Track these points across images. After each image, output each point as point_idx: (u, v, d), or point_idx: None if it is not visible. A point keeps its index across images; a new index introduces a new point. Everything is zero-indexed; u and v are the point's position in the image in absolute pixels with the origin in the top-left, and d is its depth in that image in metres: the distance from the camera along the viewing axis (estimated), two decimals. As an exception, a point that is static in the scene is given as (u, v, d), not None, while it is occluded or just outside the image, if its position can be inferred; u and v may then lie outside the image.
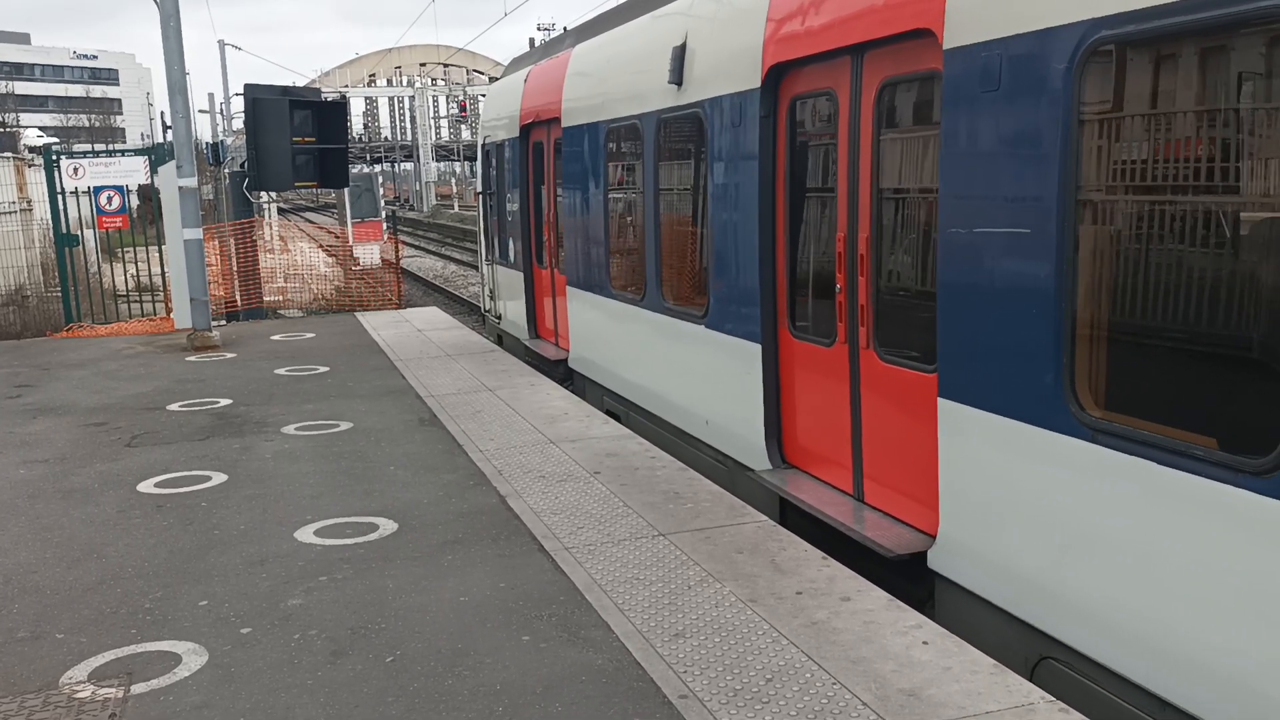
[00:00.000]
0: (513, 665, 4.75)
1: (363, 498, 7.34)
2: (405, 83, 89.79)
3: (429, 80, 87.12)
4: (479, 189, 17.14)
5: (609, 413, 10.11)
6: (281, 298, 19.83)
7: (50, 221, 17.30)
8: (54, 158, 16.86)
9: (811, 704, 4.28)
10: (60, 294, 17.49)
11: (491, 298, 16.04)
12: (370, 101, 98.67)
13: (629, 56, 9.67)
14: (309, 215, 65.31)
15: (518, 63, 15.29)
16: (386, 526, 6.70)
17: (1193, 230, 4.15)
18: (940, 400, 5.45)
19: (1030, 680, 4.63)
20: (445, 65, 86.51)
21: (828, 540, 6.27)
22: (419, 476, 7.78)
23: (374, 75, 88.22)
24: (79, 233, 17.74)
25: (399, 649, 4.96)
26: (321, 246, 24.88)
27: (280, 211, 41.86)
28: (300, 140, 17.22)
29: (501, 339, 15.22)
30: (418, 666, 4.78)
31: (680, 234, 8.83)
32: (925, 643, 4.75)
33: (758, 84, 7.15)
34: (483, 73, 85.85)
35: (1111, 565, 4.48)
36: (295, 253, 22.81)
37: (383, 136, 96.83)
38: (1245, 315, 3.94)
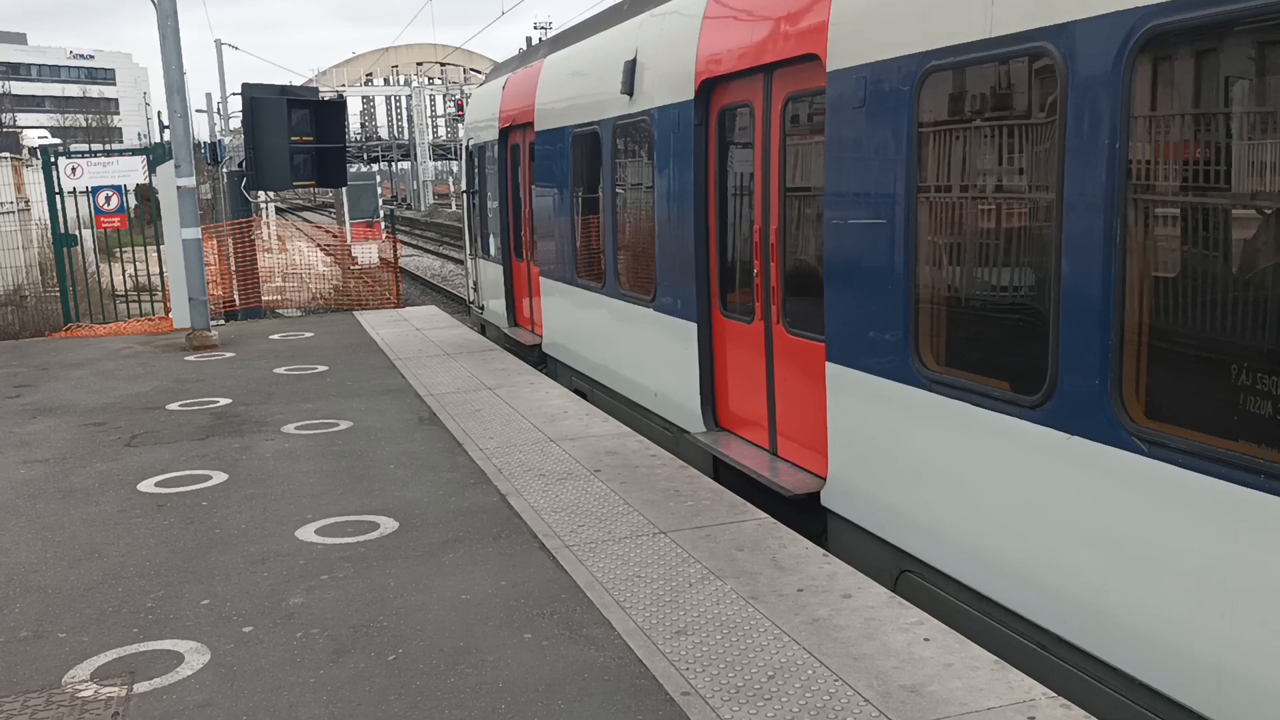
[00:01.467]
0: (515, 663, 4.76)
1: (363, 496, 7.34)
2: (402, 82, 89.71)
3: (426, 79, 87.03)
4: (463, 188, 18.28)
5: (577, 391, 11.11)
6: (280, 297, 19.83)
7: (48, 221, 17.29)
8: (51, 158, 16.84)
9: (813, 701, 4.29)
10: (59, 294, 17.49)
11: (475, 290, 17.18)
12: (367, 101, 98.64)
13: (591, 68, 10.64)
14: (307, 215, 65.26)
15: (498, 70, 16.39)
16: (387, 525, 6.71)
17: (999, 219, 5.28)
18: (828, 364, 6.54)
19: (893, 589, 5.58)
20: (442, 64, 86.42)
21: (753, 489, 7.20)
22: (419, 475, 7.78)
23: (371, 74, 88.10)
24: (77, 233, 17.73)
25: (401, 647, 4.97)
26: (320, 246, 24.88)
27: (278, 211, 41.82)
28: (298, 140, 17.22)
29: (485, 328, 16.23)
30: (420, 665, 4.79)
31: (632, 228, 9.83)
32: (926, 639, 4.76)
33: (692, 96, 8.19)
34: (479, 71, 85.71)
35: (944, 492, 5.57)
36: (293, 252, 22.81)
37: (379, 136, 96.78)
38: (1028, 285, 5.04)
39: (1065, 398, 4.64)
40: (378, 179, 48.72)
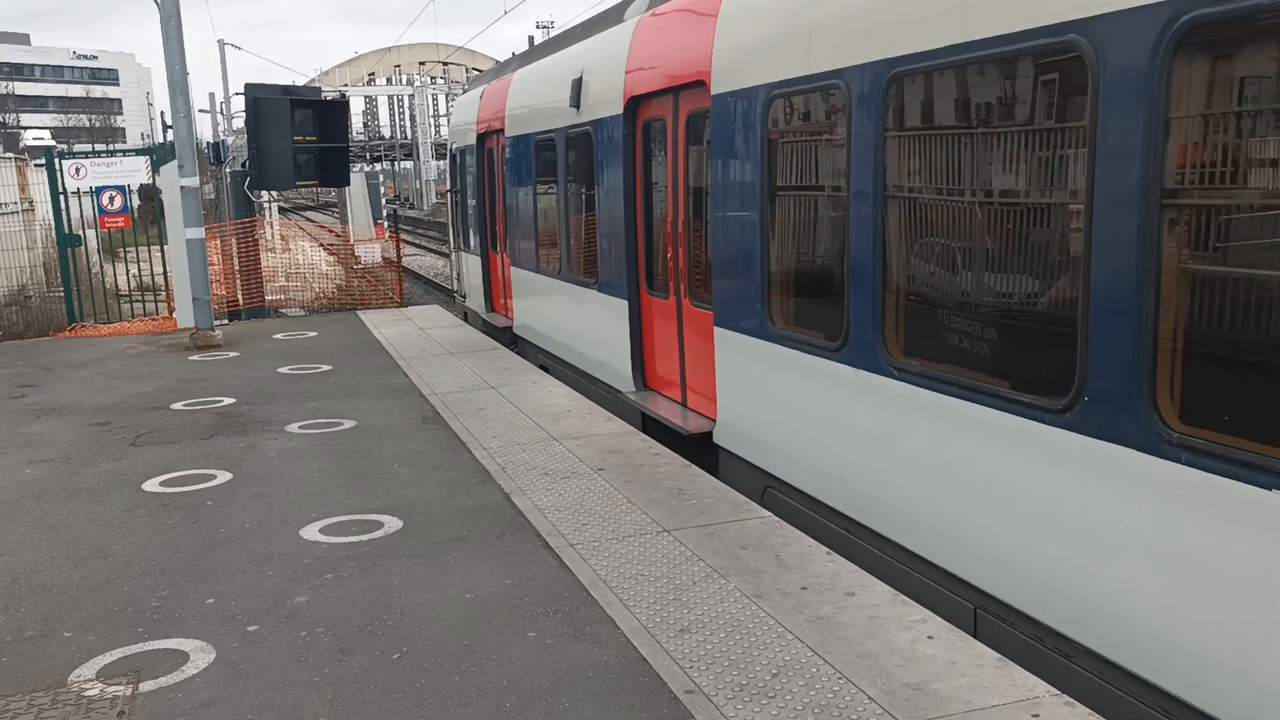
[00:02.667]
0: (519, 662, 4.77)
1: (367, 496, 7.35)
2: (405, 81, 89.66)
3: (428, 79, 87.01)
4: (447, 188, 19.93)
5: (542, 366, 12.56)
6: (283, 296, 19.84)
7: (52, 222, 17.31)
8: (55, 157, 16.86)
9: (817, 699, 4.30)
10: (63, 294, 17.51)
11: (459, 280, 18.90)
12: (370, 100, 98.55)
13: (549, 83, 12.05)
14: (310, 214, 65.29)
15: (478, 80, 18.51)
16: (391, 524, 6.72)
17: (818, 210, 6.86)
18: (716, 329, 8.13)
19: (760, 502, 7.07)
20: (445, 64, 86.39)
21: (673, 435, 8.75)
22: (423, 474, 7.80)
23: (373, 74, 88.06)
24: (81, 233, 17.75)
25: (405, 646, 4.98)
26: (323, 245, 24.89)
27: (281, 211, 41.83)
28: (301, 139, 17.25)
29: (467, 315, 17.76)
30: (424, 663, 4.80)
31: (581, 222, 11.33)
32: (930, 637, 4.76)
33: (621, 110, 9.67)
34: (482, 71, 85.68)
35: (789, 424, 7.21)
36: (296, 251, 22.82)
37: (382, 135, 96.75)
38: (836, 261, 6.52)
39: (854, 343, 6.28)
40: (380, 178, 48.71)
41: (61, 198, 16.65)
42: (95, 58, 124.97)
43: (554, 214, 12.16)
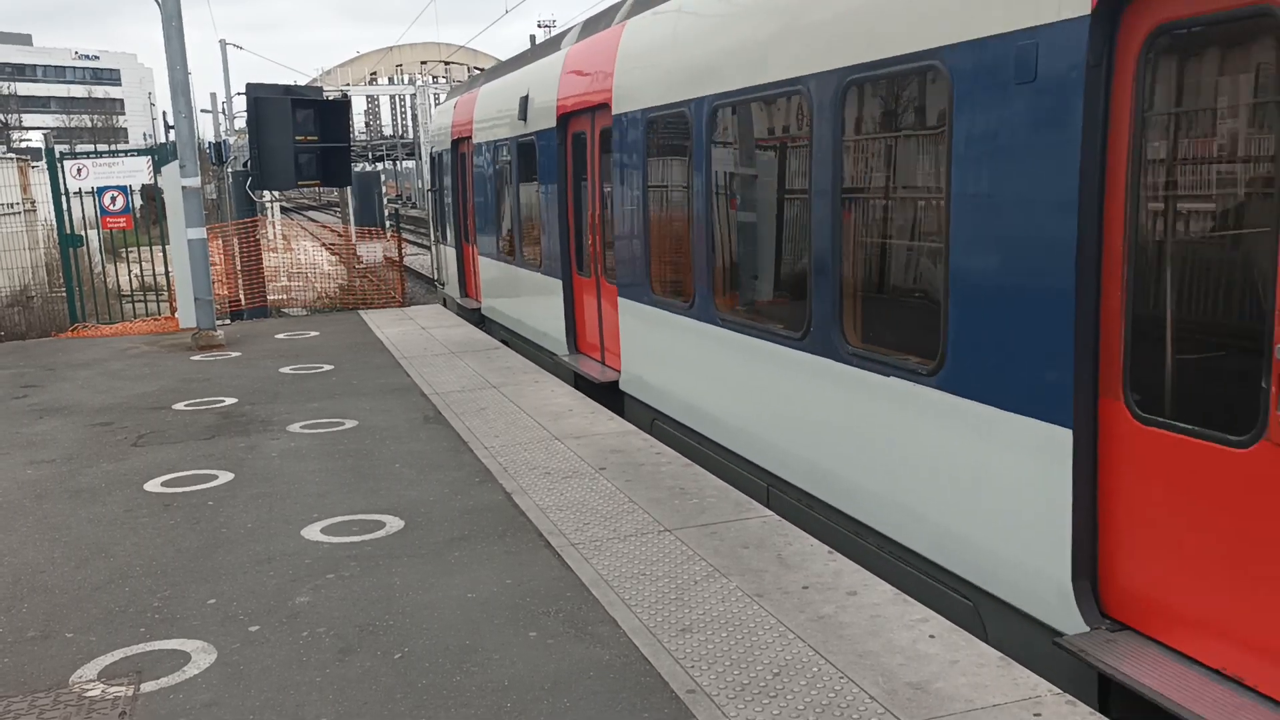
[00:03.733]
0: (520, 661, 4.76)
1: (369, 495, 7.35)
2: (406, 81, 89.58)
3: (430, 78, 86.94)
4: (428, 188, 22.81)
5: (505, 341, 14.37)
6: (285, 296, 19.85)
7: (54, 222, 17.32)
8: (56, 158, 16.87)
9: (819, 698, 4.29)
10: (65, 294, 17.52)
11: (438, 271, 20.92)
12: (372, 100, 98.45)
13: (505, 98, 13.99)
14: (311, 214, 65.27)
15: (453, 91, 20.71)
16: (393, 524, 6.72)
17: (676, 206, 8.86)
18: (619, 299, 10.19)
19: (650, 432, 9.15)
20: (447, 63, 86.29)
21: (594, 388, 10.81)
22: (424, 474, 7.80)
23: (375, 74, 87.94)
24: (83, 233, 17.76)
25: (406, 646, 4.98)
26: (325, 245, 24.89)
27: (283, 210, 41.81)
28: (303, 139, 17.25)
29: (445, 301, 19.75)
30: (425, 663, 4.79)
31: (529, 216, 13.41)
32: (932, 636, 4.76)
33: (554, 124, 11.74)
34: (483, 70, 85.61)
35: (665, 368, 9.28)
36: (298, 251, 22.83)
37: (384, 135, 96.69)
38: (684, 244, 8.67)
39: (698, 304, 8.40)
40: (382, 177, 48.67)
41: (63, 198, 16.66)
42: (97, 58, 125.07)
43: (509, 209, 14.23)
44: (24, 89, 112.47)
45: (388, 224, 29.16)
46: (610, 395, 10.44)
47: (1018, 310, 4.89)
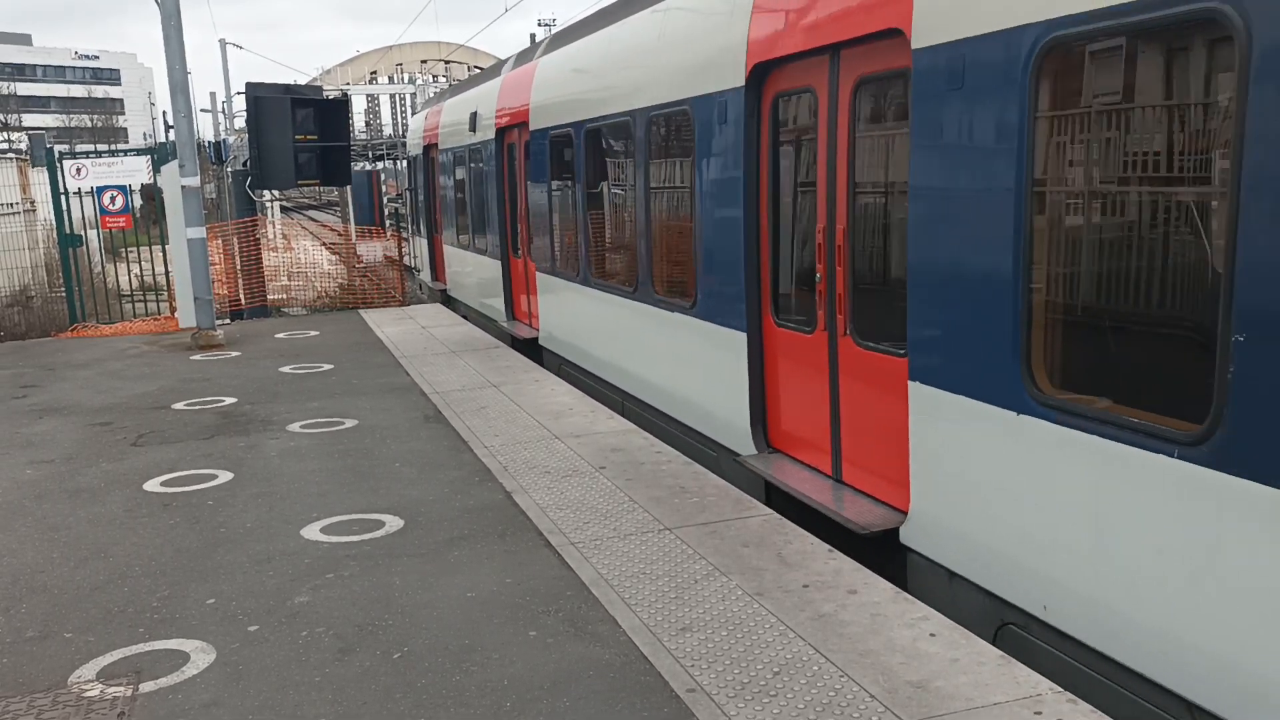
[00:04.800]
0: (520, 661, 4.75)
1: (369, 495, 7.34)
2: (406, 80, 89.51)
3: (430, 77, 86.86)
4: (406, 186, 25.45)
5: (465, 317, 16.82)
6: (285, 296, 19.83)
7: (54, 222, 17.31)
8: (55, 158, 16.86)
9: (819, 697, 4.28)
10: (64, 294, 17.51)
11: (415, 259, 23.44)
12: (372, 99, 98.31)
13: (461, 112, 16.74)
14: (311, 214, 65.21)
15: (427, 104, 24.36)
16: (393, 523, 6.71)
17: (564, 203, 11.50)
18: (539, 275, 12.82)
19: (556, 372, 11.48)
20: (446, 62, 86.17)
21: (521, 345, 13.54)
22: (424, 473, 7.78)
23: (375, 73, 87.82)
24: (83, 233, 17.74)
25: (406, 645, 4.97)
26: (325, 244, 24.89)
27: (283, 210, 41.75)
28: (302, 138, 17.24)
29: (421, 286, 22.22)
30: (425, 663, 4.78)
31: (480, 210, 15.91)
32: (932, 634, 4.75)
33: (493, 136, 14.50)
34: (483, 69, 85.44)
35: (564, 322, 11.89)
36: (298, 250, 22.81)
37: (385, 134, 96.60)
38: (567, 231, 11.59)
39: (582, 273, 10.93)
40: (383, 176, 48.61)
41: (63, 198, 16.65)
42: (97, 58, 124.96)
43: (465, 205, 17.10)
44: (24, 89, 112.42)
45: (387, 223, 29.16)
46: (531, 349, 13.24)
47: (720, 272, 7.90)
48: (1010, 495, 5.03)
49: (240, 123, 44.40)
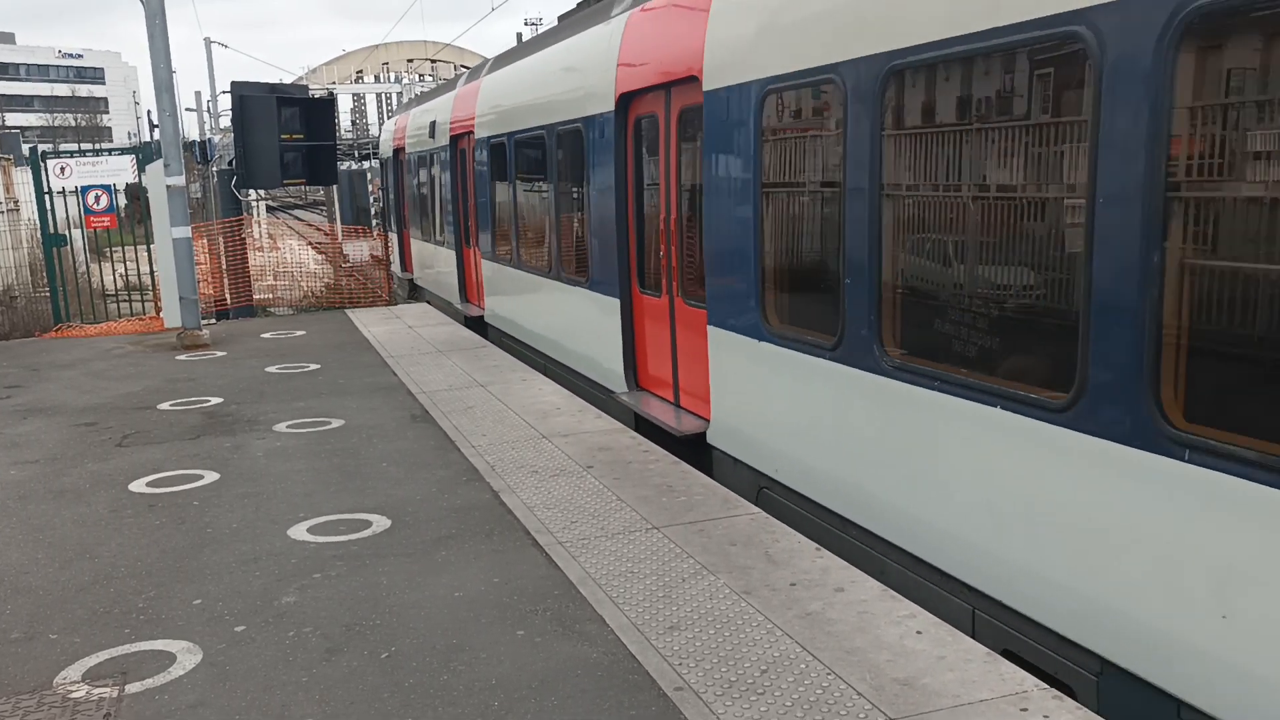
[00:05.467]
0: (507, 660, 4.75)
1: (355, 495, 7.33)
2: (393, 79, 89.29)
3: (417, 76, 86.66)
4: (381, 185, 28.12)
5: (428, 301, 19.25)
6: (271, 295, 19.78)
7: (38, 222, 17.21)
8: (40, 156, 16.76)
9: (807, 695, 4.29)
10: (49, 294, 17.41)
11: (388, 252, 25.45)
12: (358, 98, 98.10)
13: (424, 120, 18.95)
14: (297, 213, 65.03)
15: (400, 109, 26.72)
16: (379, 523, 6.69)
17: (513, 199, 13.38)
18: (482, 261, 15.05)
19: (499, 347, 13.43)
20: (433, 61, 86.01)
21: (474, 323, 15.67)
22: (411, 473, 7.77)
23: (361, 72, 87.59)
24: (67, 233, 17.65)
25: (393, 645, 4.96)
26: (311, 244, 24.86)
27: (269, 209, 41.61)
28: (288, 137, 17.21)
29: (393, 277, 23.74)
30: (412, 662, 4.78)
31: (440, 207, 18.05)
32: (919, 632, 4.77)
33: (448, 143, 16.67)
34: (469, 68, 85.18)
35: (506, 305, 14.22)
36: (285, 250, 22.76)
37: (371, 133, 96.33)
38: (507, 226, 13.88)
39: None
40: (368, 175, 48.54)
41: (46, 197, 16.55)
42: (81, 56, 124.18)
43: (429, 202, 19.03)
44: (7, 88, 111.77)
45: (374, 222, 29.14)
46: (479, 325, 15.26)
47: (604, 253, 9.92)
48: (755, 398, 7.34)
49: (226, 122, 44.22)
